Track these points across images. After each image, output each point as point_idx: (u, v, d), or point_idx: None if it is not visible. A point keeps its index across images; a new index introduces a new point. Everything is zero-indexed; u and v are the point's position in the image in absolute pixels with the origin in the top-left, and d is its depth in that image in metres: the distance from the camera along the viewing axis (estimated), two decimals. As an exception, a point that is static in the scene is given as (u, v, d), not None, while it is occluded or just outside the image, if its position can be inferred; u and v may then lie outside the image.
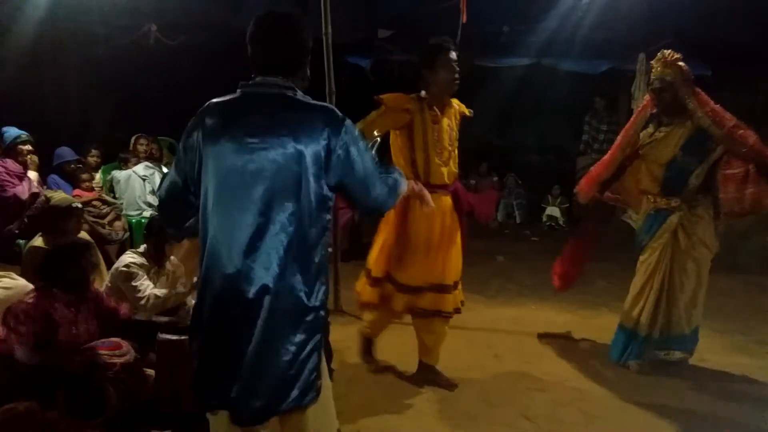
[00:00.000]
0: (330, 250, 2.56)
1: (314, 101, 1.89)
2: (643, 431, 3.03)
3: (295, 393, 1.83)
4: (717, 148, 3.41)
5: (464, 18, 5.37)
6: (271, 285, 1.78)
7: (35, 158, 5.49)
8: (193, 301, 3.57)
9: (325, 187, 1.84)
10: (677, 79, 3.45)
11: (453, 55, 3.19)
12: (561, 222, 8.36)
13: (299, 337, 1.82)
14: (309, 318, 1.84)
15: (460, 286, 3.39)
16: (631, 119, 3.78)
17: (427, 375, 3.45)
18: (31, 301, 2.85)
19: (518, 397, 3.34)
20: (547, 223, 8.43)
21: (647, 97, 3.72)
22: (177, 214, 2.01)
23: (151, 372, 3.01)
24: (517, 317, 4.64)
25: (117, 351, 2.85)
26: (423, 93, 3.25)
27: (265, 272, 1.77)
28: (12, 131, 5.45)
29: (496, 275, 5.85)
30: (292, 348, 1.81)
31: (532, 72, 8.00)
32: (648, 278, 3.62)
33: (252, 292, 1.77)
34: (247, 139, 1.79)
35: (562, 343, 4.15)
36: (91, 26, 6.92)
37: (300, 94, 1.89)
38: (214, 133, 1.83)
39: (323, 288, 1.89)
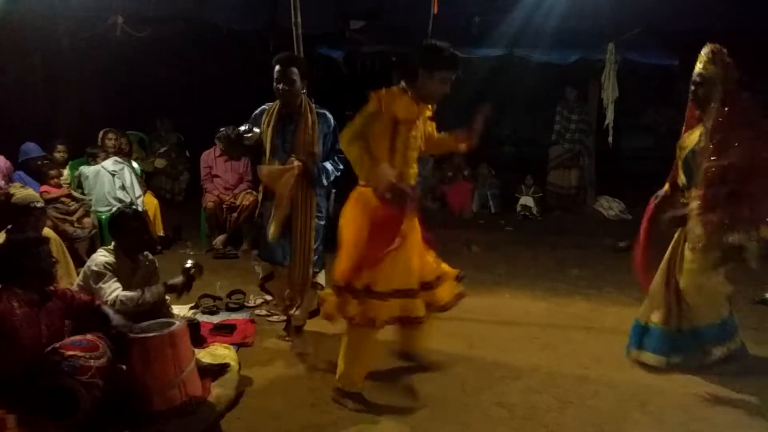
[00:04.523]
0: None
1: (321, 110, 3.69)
2: (615, 417, 3.08)
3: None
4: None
5: (435, 9, 5.37)
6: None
7: None
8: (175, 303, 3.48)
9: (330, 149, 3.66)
10: (716, 78, 3.26)
11: (455, 76, 3.04)
12: (534, 212, 8.42)
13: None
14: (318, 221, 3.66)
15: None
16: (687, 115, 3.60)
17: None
18: None
19: (493, 385, 3.38)
20: (521, 213, 8.48)
21: None
22: None
23: (122, 367, 2.96)
24: (492, 306, 4.68)
25: (94, 353, 2.76)
26: (403, 84, 3.04)
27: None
28: None
29: (470, 265, 5.90)
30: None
31: (503, 63, 8.04)
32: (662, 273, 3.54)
33: None
34: None
35: (536, 331, 4.19)
36: (54, 18, 6.75)
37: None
38: None
39: (324, 203, 3.75)
